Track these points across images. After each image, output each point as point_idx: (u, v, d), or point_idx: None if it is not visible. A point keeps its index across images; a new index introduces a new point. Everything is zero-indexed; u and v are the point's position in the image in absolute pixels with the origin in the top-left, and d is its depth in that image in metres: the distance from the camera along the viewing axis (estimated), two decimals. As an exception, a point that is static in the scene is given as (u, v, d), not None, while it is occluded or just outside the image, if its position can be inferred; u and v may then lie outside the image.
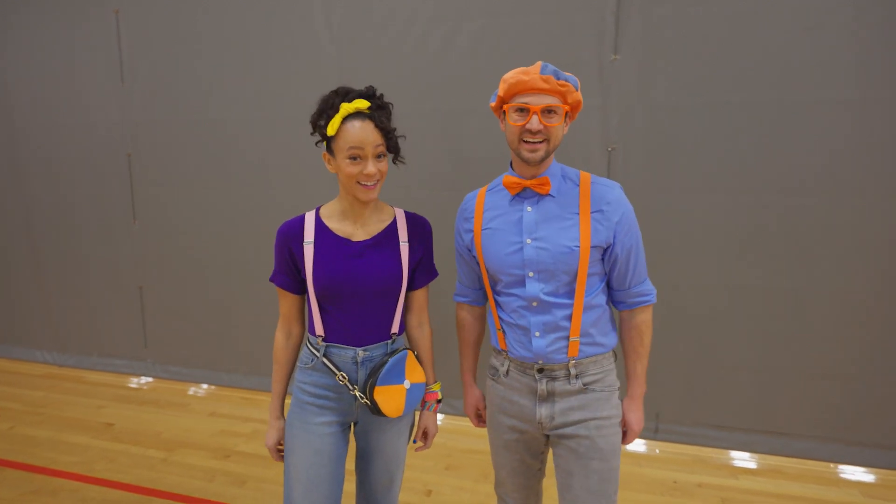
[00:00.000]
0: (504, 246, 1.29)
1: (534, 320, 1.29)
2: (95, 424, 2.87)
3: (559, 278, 1.26)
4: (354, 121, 1.26)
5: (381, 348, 1.37)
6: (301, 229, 1.34)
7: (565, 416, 1.31)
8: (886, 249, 2.26)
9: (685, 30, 2.32)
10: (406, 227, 1.39)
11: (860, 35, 2.16)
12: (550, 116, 1.22)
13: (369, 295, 1.33)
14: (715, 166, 2.37)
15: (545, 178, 1.27)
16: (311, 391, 1.36)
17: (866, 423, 2.37)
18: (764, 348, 2.44)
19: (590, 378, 1.31)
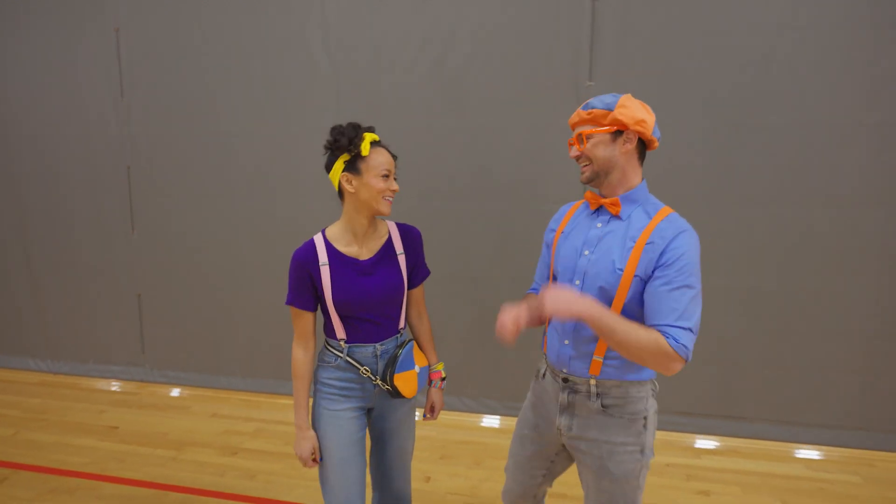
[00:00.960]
0: (570, 251, 1.40)
1: (568, 327, 1.37)
2: (100, 428, 2.97)
3: (599, 293, 1.30)
4: (378, 147, 1.52)
5: (392, 341, 1.61)
6: (315, 253, 1.53)
7: (582, 431, 1.37)
8: (825, 252, 2.59)
9: (652, 59, 2.61)
10: (400, 239, 1.62)
11: (829, 66, 2.49)
12: (588, 140, 1.34)
13: (379, 303, 1.56)
14: (681, 180, 2.67)
15: (616, 199, 1.35)
16: (335, 384, 1.58)
17: (812, 406, 2.70)
18: (722, 342, 2.75)
19: (610, 401, 1.33)
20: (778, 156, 2.57)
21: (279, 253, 3.20)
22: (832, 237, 2.57)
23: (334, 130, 1.52)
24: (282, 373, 3.29)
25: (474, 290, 2.95)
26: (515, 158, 2.80)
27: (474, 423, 2.98)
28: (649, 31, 2.59)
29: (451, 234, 2.91)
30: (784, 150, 2.56)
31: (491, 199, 2.84)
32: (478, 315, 2.96)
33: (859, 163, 2.50)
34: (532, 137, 2.76)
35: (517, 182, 2.80)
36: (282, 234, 3.17)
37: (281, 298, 3.22)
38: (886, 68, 2.43)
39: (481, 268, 2.93)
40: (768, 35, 2.50)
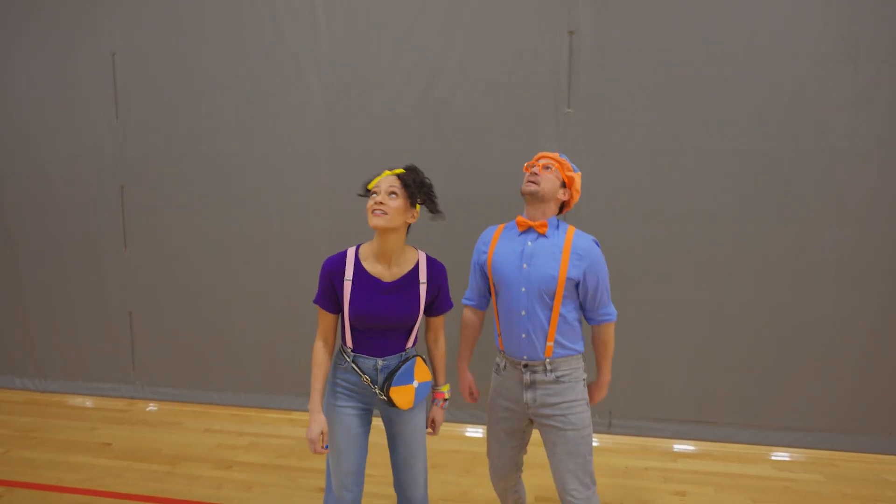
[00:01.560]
0: (509, 267, 1.78)
1: (522, 325, 1.76)
2: (93, 445, 3.00)
3: (542, 296, 1.73)
4: (385, 177, 1.68)
5: (396, 359, 1.75)
6: (343, 267, 1.70)
7: (543, 399, 1.78)
8: (784, 265, 2.80)
9: (624, 88, 2.82)
10: (426, 271, 1.75)
11: (784, 95, 2.72)
12: (547, 169, 1.79)
13: (391, 323, 1.70)
14: (652, 200, 2.86)
15: (544, 222, 1.77)
16: (343, 385, 1.78)
17: (778, 410, 2.89)
18: (695, 351, 2.93)
19: (561, 372, 1.78)
20: (741, 177, 2.78)
21: (270, 271, 3.30)
22: (791, 251, 2.79)
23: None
24: (273, 387, 3.36)
25: (458, 305, 3.08)
26: (498, 180, 2.96)
27: (462, 433, 3.09)
28: (621, 63, 2.80)
29: (437, 252, 3.04)
30: (747, 171, 2.77)
31: (474, 218, 2.99)
32: (465, 328, 3.08)
33: (814, 183, 2.73)
34: (514, 160, 2.92)
35: (499, 202, 2.96)
36: (273, 253, 3.27)
37: (271, 316, 3.31)
38: (836, 98, 2.67)
39: (465, 283, 3.06)
40: (730, 66, 2.73)
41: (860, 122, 2.67)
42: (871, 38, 2.62)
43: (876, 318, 2.77)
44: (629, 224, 2.90)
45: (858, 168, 2.70)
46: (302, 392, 3.31)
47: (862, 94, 2.65)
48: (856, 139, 2.69)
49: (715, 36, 2.73)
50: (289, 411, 3.33)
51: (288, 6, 3.08)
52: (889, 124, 2.66)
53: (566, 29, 2.83)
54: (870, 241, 2.73)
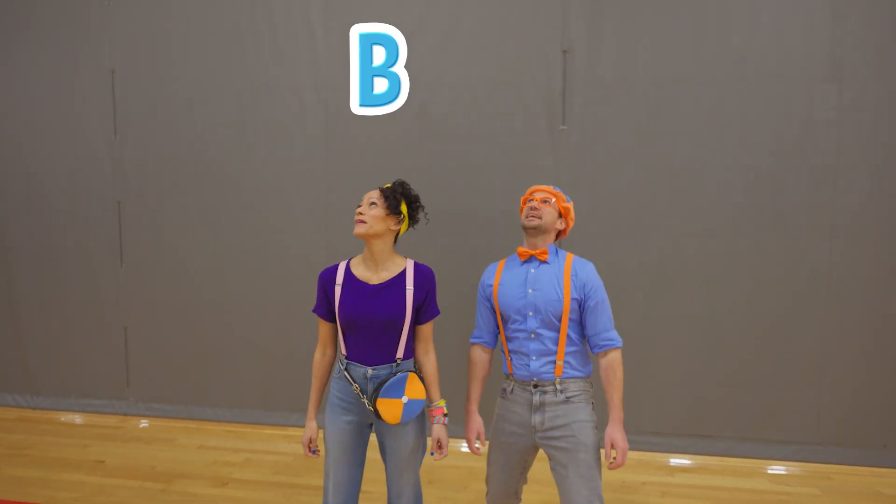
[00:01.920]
0: (515, 294, 1.85)
1: (531, 348, 1.81)
2: (85, 462, 2.96)
3: (549, 318, 1.80)
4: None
5: (387, 369, 1.77)
6: (334, 274, 1.83)
7: (552, 422, 1.78)
8: (776, 279, 2.84)
9: (616, 106, 2.88)
10: (413, 276, 1.81)
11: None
12: (545, 202, 1.88)
13: (378, 325, 1.74)
14: (646, 216, 2.90)
15: (545, 250, 1.86)
16: (338, 396, 1.82)
17: (774, 424, 2.90)
18: (690, 366, 2.95)
19: (571, 393, 1.80)
20: (733, 193, 2.83)
21: (267, 286, 3.31)
22: (783, 266, 2.83)
23: None
24: (268, 403, 3.34)
25: (455, 322, 3.09)
26: (494, 197, 2.99)
27: (457, 447, 3.08)
28: (614, 82, 2.87)
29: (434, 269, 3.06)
30: (738, 187, 2.83)
31: (471, 236, 3.02)
32: (459, 346, 3.09)
33: (804, 199, 2.79)
34: (510, 178, 2.97)
35: (495, 219, 2.99)
36: (270, 269, 3.28)
37: (267, 331, 3.31)
38: (822, 116, 2.74)
39: (461, 300, 3.08)
40: (719, 86, 2.80)
41: (847, 139, 2.74)
42: (854, 59, 2.70)
43: (868, 331, 2.80)
44: (623, 240, 2.93)
45: (847, 183, 2.76)
46: (298, 408, 3.29)
47: (847, 112, 2.72)
48: (843, 156, 2.75)
49: (704, 56, 2.80)
50: (284, 427, 3.30)
51: (287, 25, 3.14)
52: (874, 141, 2.73)
53: (560, 48, 2.89)
54: (860, 254, 2.78)
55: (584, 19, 2.87)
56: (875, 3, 2.66)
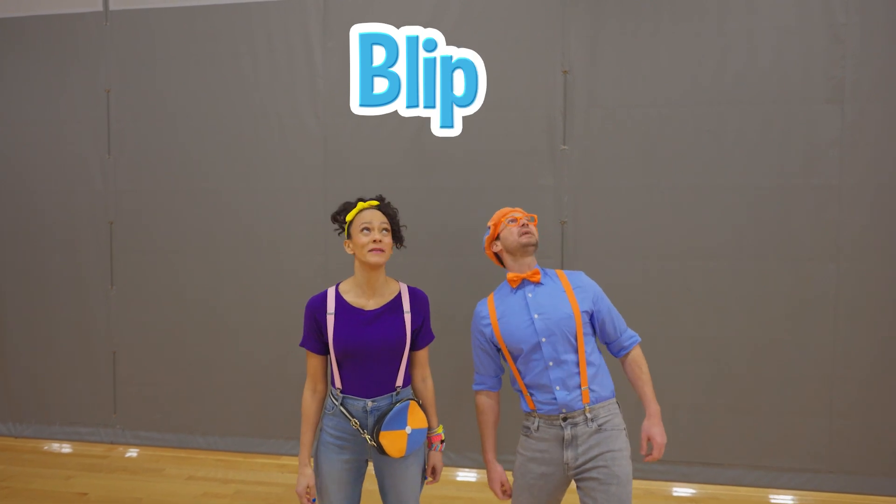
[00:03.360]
0: (519, 324, 1.72)
1: (553, 377, 1.68)
2: (67, 495, 2.83)
3: (564, 339, 1.69)
4: (366, 210, 1.74)
5: (387, 399, 1.67)
6: (324, 303, 1.69)
7: (587, 454, 1.65)
8: (784, 302, 2.78)
9: (617, 125, 2.85)
10: (409, 300, 1.74)
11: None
12: (530, 222, 1.81)
13: (378, 354, 1.64)
14: (648, 237, 2.86)
15: (536, 269, 1.77)
16: (332, 433, 1.70)
17: (784, 451, 2.81)
18: (695, 390, 2.87)
19: (602, 420, 1.69)
20: (736, 215, 2.79)
21: (261, 310, 3.22)
22: (789, 288, 2.78)
23: (341, 205, 1.78)
24: (261, 431, 3.22)
25: (453, 345, 3.01)
26: (496, 216, 2.94)
27: (453, 477, 2.96)
28: (614, 102, 2.85)
29: (433, 290, 2.93)
30: (740, 209, 2.79)
31: (472, 256, 2.96)
32: (457, 369, 3.01)
33: (808, 220, 2.75)
34: (510, 197, 2.92)
35: (498, 238, 2.93)
36: (265, 292, 3.19)
37: (261, 357, 3.21)
38: (824, 137, 2.72)
39: (461, 323, 2.99)
40: (720, 106, 2.78)
41: (849, 159, 2.71)
42: (855, 78, 2.69)
43: (879, 353, 2.74)
44: (625, 262, 2.88)
45: (851, 204, 2.72)
46: (292, 436, 3.17)
47: (849, 131, 2.70)
48: (846, 176, 2.72)
49: (704, 76, 2.79)
50: (278, 456, 3.18)
51: (285, 44, 3.12)
52: (877, 160, 2.70)
53: (560, 68, 2.88)
54: (867, 275, 2.73)
55: (584, 40, 2.86)
56: (875, 21, 2.67)
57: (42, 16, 3.34)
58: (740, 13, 2.75)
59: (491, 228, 1.86)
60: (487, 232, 1.89)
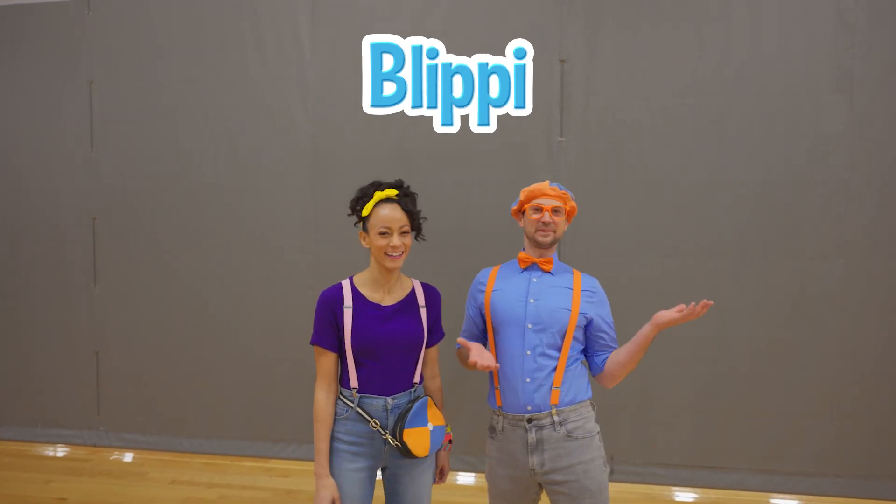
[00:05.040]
0: (512, 302, 1.66)
1: (526, 368, 1.59)
2: (45, 501, 2.73)
3: (550, 333, 1.61)
4: (385, 205, 1.60)
5: (406, 396, 1.62)
6: (341, 295, 1.61)
7: (554, 463, 1.56)
8: (789, 301, 2.68)
9: (615, 117, 2.75)
10: (423, 295, 1.70)
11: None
12: (557, 213, 1.68)
13: (397, 350, 1.60)
14: (647, 232, 2.76)
15: (550, 258, 1.71)
16: (345, 439, 1.58)
17: (789, 455, 2.72)
18: (697, 392, 2.77)
19: (572, 425, 1.58)
20: (739, 210, 2.70)
21: (250, 308, 3.12)
22: (793, 285, 2.68)
23: (358, 191, 1.67)
24: (249, 433, 3.12)
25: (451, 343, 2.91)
26: (492, 212, 2.84)
27: (453, 481, 2.87)
28: (613, 92, 2.75)
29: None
30: (744, 204, 2.69)
31: (468, 253, 2.86)
32: (455, 368, 2.91)
33: (812, 217, 2.65)
34: (506, 191, 2.81)
35: (493, 236, 2.84)
36: (254, 290, 3.09)
37: (249, 356, 3.11)
38: (832, 129, 2.62)
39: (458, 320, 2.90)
40: (723, 97, 2.68)
41: (858, 153, 2.62)
42: (864, 68, 2.59)
43: (886, 353, 2.64)
44: (623, 258, 2.78)
45: (859, 198, 2.62)
46: (280, 438, 3.07)
47: (858, 124, 2.61)
48: (854, 169, 2.63)
49: (706, 67, 2.69)
50: (266, 459, 3.08)
51: (273, 36, 3.01)
52: (887, 153, 2.60)
53: (557, 57, 2.78)
54: (874, 273, 2.63)
55: (583, 27, 2.76)
56: (883, 9, 2.57)
57: (21, 4, 3.24)
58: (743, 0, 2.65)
59: (519, 202, 1.76)
60: (516, 202, 1.79)
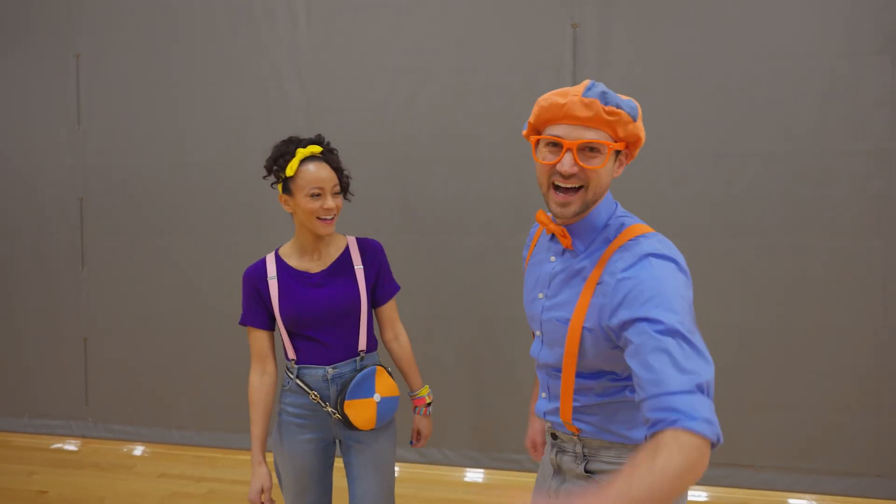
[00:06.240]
0: (527, 292, 1.14)
1: (542, 378, 1.12)
2: (25, 494, 2.59)
3: (555, 348, 1.03)
4: (310, 163, 1.44)
5: (349, 365, 1.49)
6: (264, 268, 1.51)
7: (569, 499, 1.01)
8: (828, 285, 2.45)
9: (635, 87, 2.53)
10: (358, 253, 1.55)
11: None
12: (591, 156, 0.93)
13: (332, 318, 1.47)
14: (667, 211, 2.54)
15: (565, 231, 1.03)
16: (291, 411, 1.51)
17: (825, 453, 2.48)
18: (723, 384, 2.53)
19: (598, 465, 1.04)
20: (769, 184, 2.47)
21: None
22: (830, 268, 2.45)
23: (273, 148, 1.51)
24: (242, 426, 2.96)
25: (452, 330, 2.73)
26: (495, 191, 2.65)
27: (456, 477, 2.68)
28: (630, 58, 2.54)
29: (427, 271, 2.72)
30: (775, 178, 2.46)
31: (469, 234, 2.68)
32: (457, 356, 2.73)
33: (852, 190, 2.42)
34: (514, 169, 2.62)
35: (497, 216, 2.65)
36: (246, 271, 2.93)
37: (243, 344, 2.93)
38: (870, 94, 2.38)
39: (460, 306, 2.72)
40: (751, 62, 2.45)
41: (901, 120, 2.38)
42: (909, 27, 2.35)
43: (932, 343, 2.40)
44: (643, 236, 2.56)
45: (903, 170, 2.39)
46: (274, 430, 2.91)
47: (901, 88, 2.37)
48: (895, 139, 2.39)
49: (734, 29, 2.46)
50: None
51: (265, 5, 2.84)
52: (934, 122, 2.37)
53: (569, 21, 2.57)
54: (920, 253, 2.39)
55: (596, -12, 2.55)
56: (933, -40, 2.33)
57: (5, -26, 3.11)
58: (775, -46, 2.42)
59: (528, 123, 1.04)
60: (525, 126, 1.07)
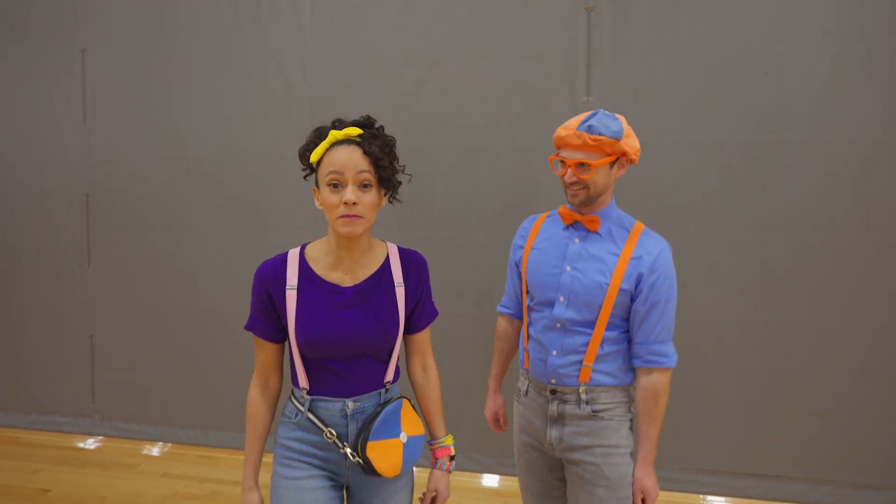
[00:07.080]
0: (546, 267, 1.41)
1: (554, 340, 1.38)
2: (28, 492, 2.56)
3: (584, 308, 1.35)
4: (340, 147, 1.15)
5: (373, 398, 1.23)
6: (283, 272, 1.20)
7: (573, 440, 1.37)
8: (861, 284, 2.28)
9: (651, 74, 2.40)
10: (400, 267, 1.26)
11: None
12: (585, 169, 1.31)
13: (360, 347, 1.20)
14: (685, 204, 2.40)
15: (596, 216, 1.37)
16: (296, 447, 1.24)
17: (860, 463, 2.31)
18: (747, 386, 2.39)
19: (600, 406, 1.37)
20: (799, 175, 2.31)
21: (248, 290, 2.89)
22: (865, 264, 2.28)
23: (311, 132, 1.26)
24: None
25: (461, 328, 2.62)
26: (506, 184, 2.54)
27: (470, 483, 2.57)
28: (645, 44, 2.40)
29: (435, 267, 2.59)
30: (805, 168, 2.30)
31: (479, 229, 2.57)
32: (465, 355, 2.62)
33: (888, 183, 2.24)
34: (524, 160, 2.51)
35: (507, 210, 2.53)
36: (251, 271, 2.85)
37: (249, 341, 2.88)
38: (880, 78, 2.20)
39: (468, 303, 2.61)
40: (782, 47, 2.29)
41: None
42: (953, 3, 2.16)
43: (979, 347, 2.21)
44: (663, 232, 2.40)
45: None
46: (278, 431, 2.84)
47: (941, 71, 2.18)
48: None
49: (762, 10, 2.31)
50: (265, 453, 2.84)
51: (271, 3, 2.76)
52: (981, 107, 2.17)
53: (583, 5, 2.44)
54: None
55: (612, -31, 2.41)
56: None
57: (12, -32, 3.10)
58: (806, -72, 2.26)
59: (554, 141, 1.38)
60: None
